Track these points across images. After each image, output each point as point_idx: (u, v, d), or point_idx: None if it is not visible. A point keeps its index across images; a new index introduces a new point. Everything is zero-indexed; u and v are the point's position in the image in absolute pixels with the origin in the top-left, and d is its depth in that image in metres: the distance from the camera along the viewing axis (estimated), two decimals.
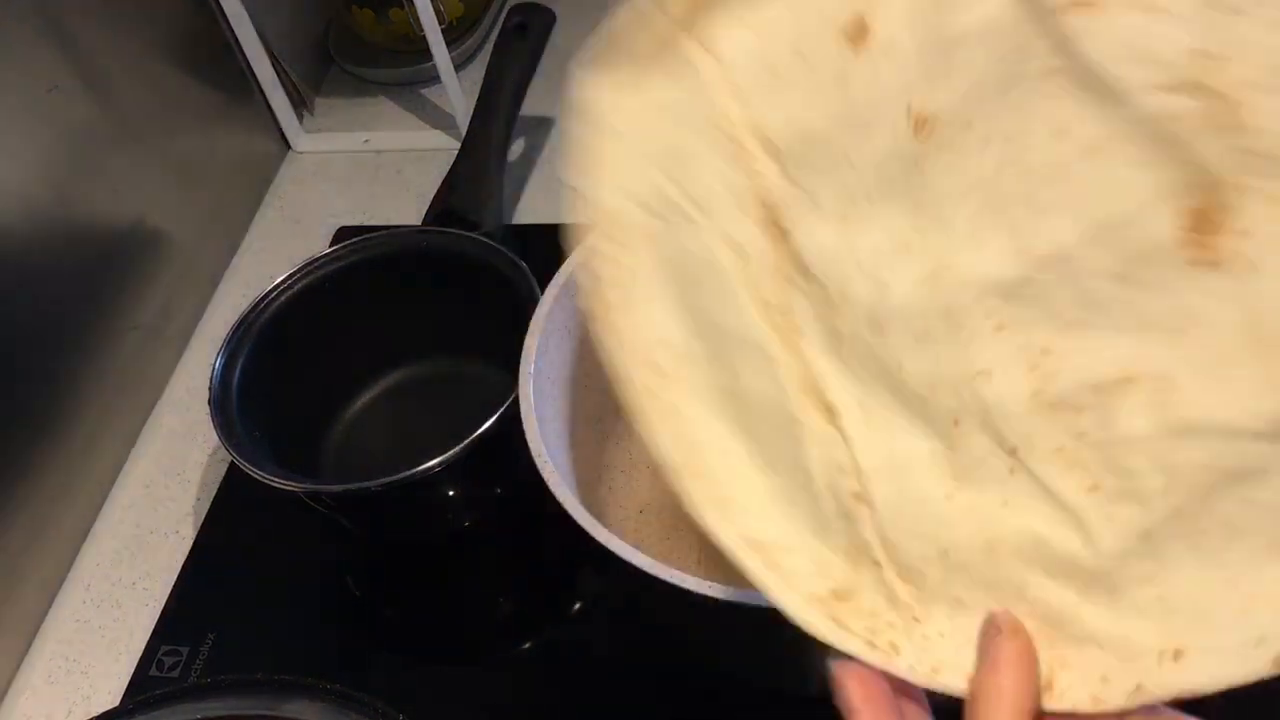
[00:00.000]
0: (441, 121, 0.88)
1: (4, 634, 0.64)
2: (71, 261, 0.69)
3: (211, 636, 0.62)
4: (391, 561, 0.66)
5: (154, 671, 0.62)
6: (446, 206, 0.74)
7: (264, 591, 0.65)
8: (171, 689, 0.51)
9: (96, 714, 0.51)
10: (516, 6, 0.78)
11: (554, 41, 0.78)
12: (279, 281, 0.65)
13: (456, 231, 0.67)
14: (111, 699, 0.61)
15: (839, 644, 0.32)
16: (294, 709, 0.48)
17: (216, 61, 0.83)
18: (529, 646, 0.62)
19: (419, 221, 0.76)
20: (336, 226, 0.82)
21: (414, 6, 0.77)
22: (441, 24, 0.79)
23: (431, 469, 0.55)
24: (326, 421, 0.68)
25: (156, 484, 0.71)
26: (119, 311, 0.72)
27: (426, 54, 0.81)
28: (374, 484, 0.56)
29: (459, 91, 0.83)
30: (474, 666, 0.62)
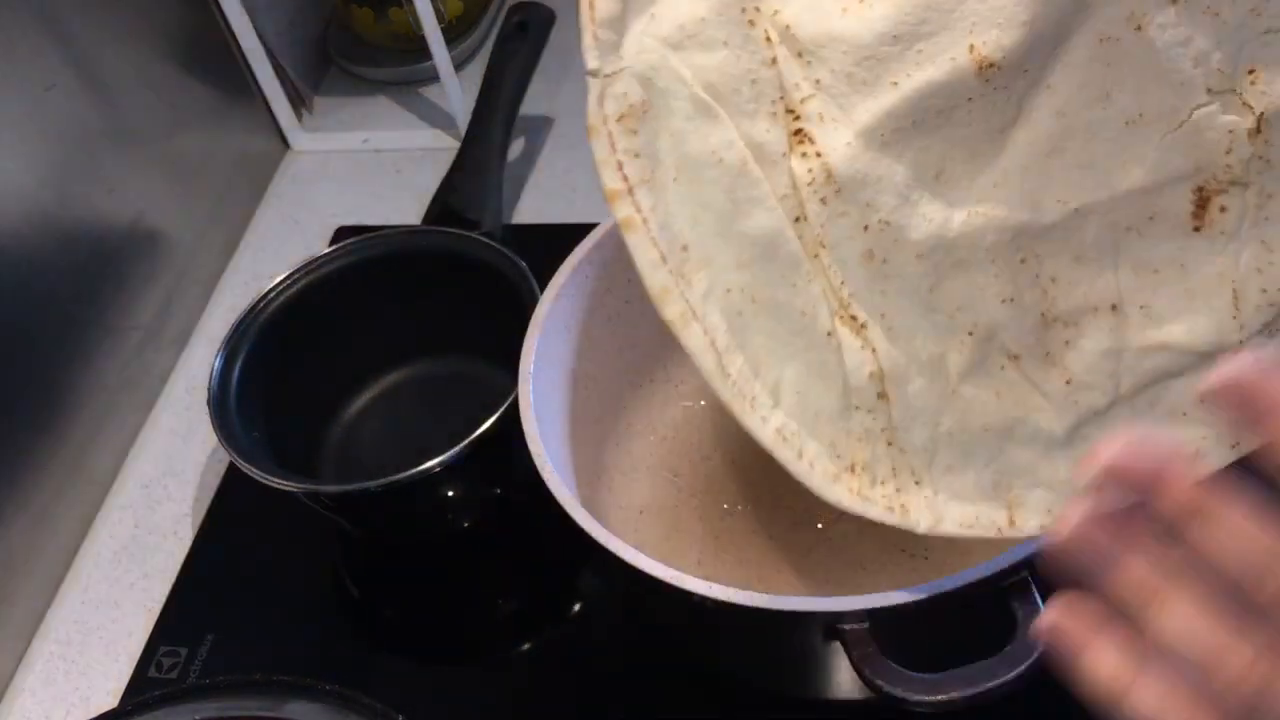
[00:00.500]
0: (441, 121, 0.88)
1: (3, 634, 0.64)
2: (70, 261, 0.69)
3: (210, 637, 0.62)
4: (391, 562, 0.66)
5: (153, 672, 0.62)
6: (446, 206, 0.74)
7: (263, 592, 0.65)
8: (170, 690, 0.51)
9: (95, 715, 0.51)
10: (516, 6, 0.78)
11: (554, 41, 0.78)
12: (278, 281, 0.65)
13: (456, 231, 0.67)
14: (110, 700, 0.61)
15: (864, 512, 0.40)
16: (293, 709, 0.48)
17: (215, 61, 0.82)
18: (529, 646, 0.61)
19: (418, 221, 0.76)
20: (336, 226, 0.82)
21: (413, 6, 0.77)
22: (441, 23, 0.79)
23: (431, 469, 0.55)
24: (326, 421, 0.68)
25: (155, 484, 0.71)
26: (118, 311, 0.72)
27: (426, 53, 0.81)
28: (374, 484, 0.56)
29: (458, 91, 0.83)
30: (474, 666, 0.62)
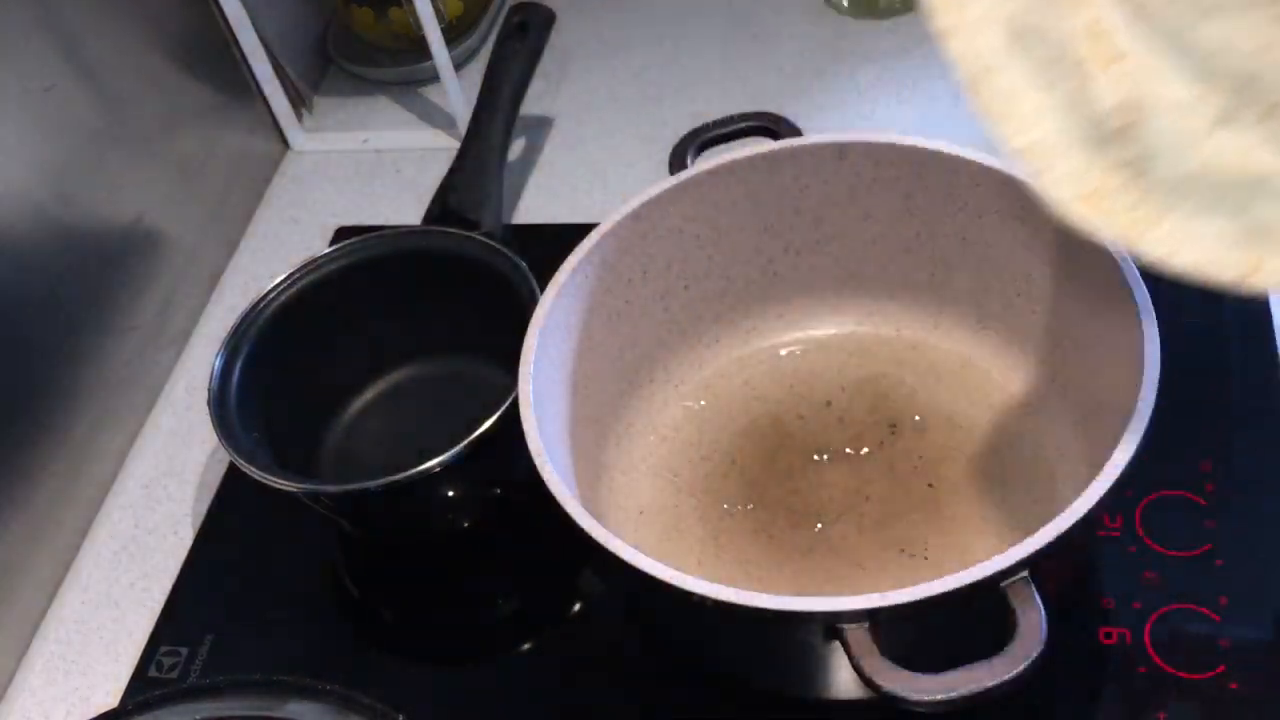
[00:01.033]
0: (441, 121, 0.88)
1: (2, 634, 0.64)
2: (70, 261, 0.69)
3: (210, 637, 0.62)
4: (391, 562, 0.66)
5: (153, 672, 0.61)
6: (446, 206, 0.73)
7: (263, 592, 0.65)
8: (170, 690, 0.51)
9: (95, 715, 0.51)
10: (516, 6, 0.78)
11: (554, 41, 0.78)
12: (279, 281, 0.65)
13: (456, 231, 0.67)
14: (110, 699, 0.61)
15: (1103, 228, 0.41)
16: (293, 709, 0.48)
17: (215, 61, 0.82)
18: (529, 646, 0.61)
19: (418, 221, 0.75)
20: (336, 226, 0.82)
21: (413, 5, 0.77)
22: (441, 23, 0.79)
23: (431, 469, 0.55)
24: (326, 421, 0.68)
25: (155, 484, 0.71)
26: (118, 311, 0.72)
27: (426, 53, 0.81)
28: (374, 484, 0.56)
29: (458, 91, 0.83)
30: (474, 666, 0.62)
